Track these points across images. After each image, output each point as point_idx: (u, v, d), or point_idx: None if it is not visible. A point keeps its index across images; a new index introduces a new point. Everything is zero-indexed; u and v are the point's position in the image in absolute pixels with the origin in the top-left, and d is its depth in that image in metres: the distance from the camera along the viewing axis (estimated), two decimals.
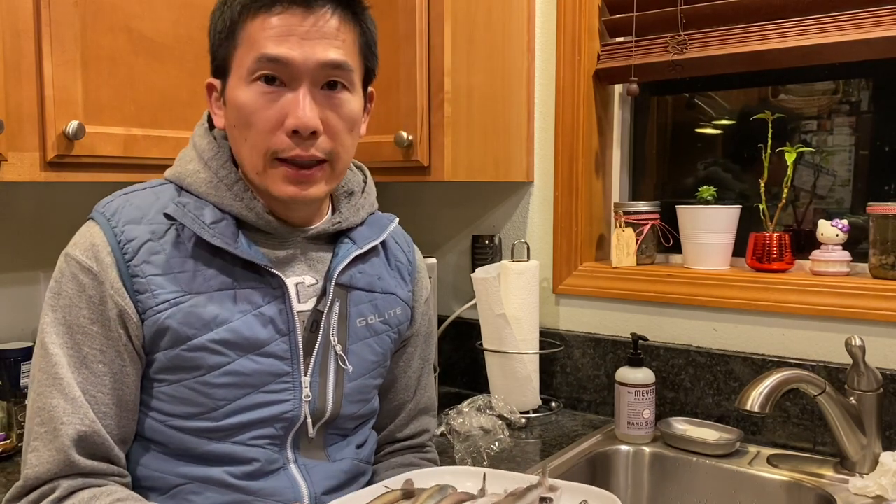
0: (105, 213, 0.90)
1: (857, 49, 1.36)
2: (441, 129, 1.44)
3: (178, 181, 0.94)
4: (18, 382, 1.42)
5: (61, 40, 1.17)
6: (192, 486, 0.90)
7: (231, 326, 0.88)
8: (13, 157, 1.14)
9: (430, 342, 1.18)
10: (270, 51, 0.85)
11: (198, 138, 0.96)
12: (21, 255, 1.53)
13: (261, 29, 0.86)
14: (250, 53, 0.86)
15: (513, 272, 1.59)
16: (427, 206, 1.93)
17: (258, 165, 0.89)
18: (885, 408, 1.30)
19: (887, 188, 1.47)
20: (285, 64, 0.85)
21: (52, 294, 0.88)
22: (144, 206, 0.91)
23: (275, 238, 0.95)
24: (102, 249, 0.87)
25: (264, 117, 0.87)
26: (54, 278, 0.89)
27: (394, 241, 1.09)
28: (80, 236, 0.90)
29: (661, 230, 1.63)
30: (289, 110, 0.86)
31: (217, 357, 0.88)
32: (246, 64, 0.87)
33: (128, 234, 0.88)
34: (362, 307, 1.00)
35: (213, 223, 0.89)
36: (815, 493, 1.23)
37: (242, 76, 0.88)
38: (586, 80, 1.64)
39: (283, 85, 0.87)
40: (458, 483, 0.91)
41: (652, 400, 1.44)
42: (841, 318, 1.37)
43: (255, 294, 0.90)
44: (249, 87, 0.87)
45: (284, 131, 0.86)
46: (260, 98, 0.87)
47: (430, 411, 1.18)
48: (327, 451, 0.98)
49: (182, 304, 0.87)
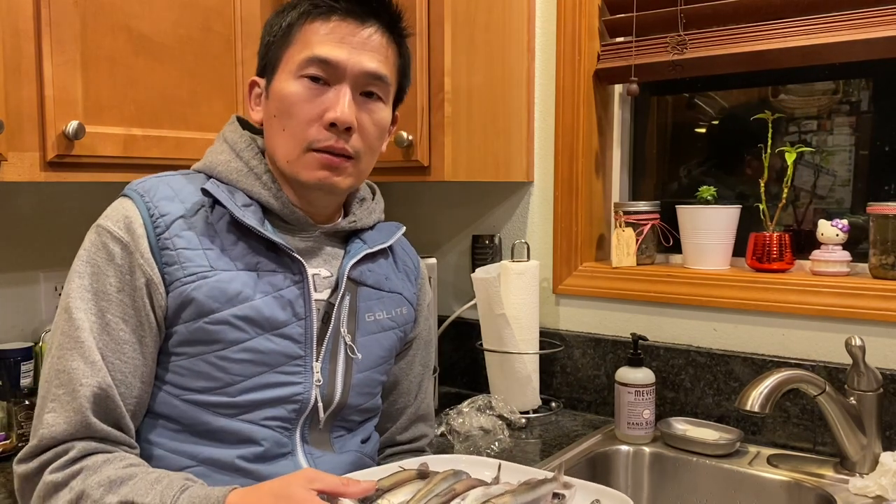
0: (139, 190, 0.94)
1: (857, 49, 1.36)
2: (441, 129, 1.44)
3: (209, 171, 0.99)
4: (18, 382, 1.42)
5: (61, 40, 1.17)
6: (201, 469, 0.91)
7: (253, 304, 0.92)
8: (13, 157, 1.14)
9: (430, 349, 1.22)
10: (322, 52, 0.93)
11: (229, 133, 1.02)
12: (21, 256, 1.53)
13: (316, 32, 0.94)
14: (303, 52, 0.94)
15: (513, 272, 1.60)
16: (427, 206, 1.93)
17: (292, 153, 0.96)
18: (885, 408, 1.30)
19: (887, 188, 1.47)
20: (333, 65, 0.93)
21: (81, 262, 0.91)
22: (177, 186, 0.96)
23: (296, 229, 1.01)
24: (135, 221, 0.91)
25: (306, 109, 0.94)
26: (83, 248, 0.92)
27: (401, 248, 1.15)
28: (112, 210, 0.93)
29: (661, 230, 1.63)
30: (329, 105, 0.94)
31: (237, 332, 0.91)
32: (297, 60, 0.94)
33: (161, 209, 0.92)
34: (371, 303, 1.05)
35: (243, 206, 0.95)
36: (815, 493, 1.23)
37: (291, 71, 0.95)
38: (586, 80, 1.64)
39: (326, 84, 0.94)
40: (473, 471, 0.91)
41: (652, 400, 1.44)
42: (841, 318, 1.37)
43: (276, 277, 0.95)
44: (296, 81, 0.94)
45: (323, 124, 0.94)
46: (305, 91, 0.94)
47: (429, 420, 1.22)
48: (333, 443, 1.01)
49: (209, 277, 0.91)
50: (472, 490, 0.83)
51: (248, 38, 1.44)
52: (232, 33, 1.43)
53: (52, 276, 1.57)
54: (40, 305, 1.56)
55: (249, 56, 1.44)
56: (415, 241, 1.19)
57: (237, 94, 1.44)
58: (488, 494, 0.83)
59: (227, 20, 1.42)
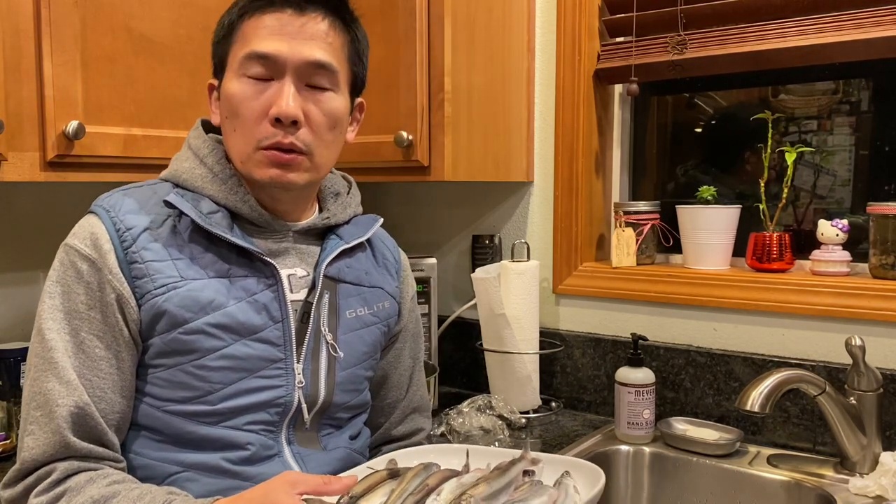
0: (104, 206, 0.93)
1: (857, 49, 1.36)
2: (441, 129, 1.44)
3: (174, 179, 0.98)
4: (18, 382, 1.42)
5: (61, 40, 1.17)
6: (188, 474, 0.91)
7: (227, 311, 0.91)
8: (13, 157, 1.14)
9: (419, 341, 1.21)
10: (259, 47, 0.91)
11: (193, 140, 1.01)
12: (21, 255, 1.53)
13: (254, 27, 0.93)
14: (243, 49, 0.93)
15: (513, 272, 1.60)
16: (427, 206, 1.93)
17: (244, 153, 0.94)
18: (885, 408, 1.30)
19: (887, 188, 1.47)
20: (272, 59, 0.91)
21: (51, 282, 0.90)
22: (142, 199, 0.95)
23: (267, 231, 0.99)
24: (101, 237, 0.90)
25: (251, 107, 0.92)
26: (53, 268, 0.91)
27: (380, 241, 1.14)
28: (78, 228, 0.93)
29: (661, 230, 1.63)
30: (273, 101, 0.92)
31: (213, 340, 0.90)
32: (237, 59, 0.93)
33: (127, 222, 0.91)
34: (351, 300, 1.04)
35: (209, 213, 0.93)
36: (815, 493, 1.23)
37: (235, 69, 0.94)
38: (586, 80, 1.64)
39: (269, 79, 0.92)
40: (441, 460, 0.91)
41: (652, 400, 1.44)
42: (841, 318, 1.37)
43: (249, 281, 0.94)
44: (240, 80, 0.93)
45: (269, 120, 0.92)
46: (248, 89, 0.92)
47: (424, 411, 1.21)
48: (321, 441, 1.00)
49: (179, 288, 0.90)
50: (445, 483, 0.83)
51: None
52: None
53: None
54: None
55: None
56: (415, 241, 1.19)
57: None
58: (463, 486, 0.82)
59: None
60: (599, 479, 0.86)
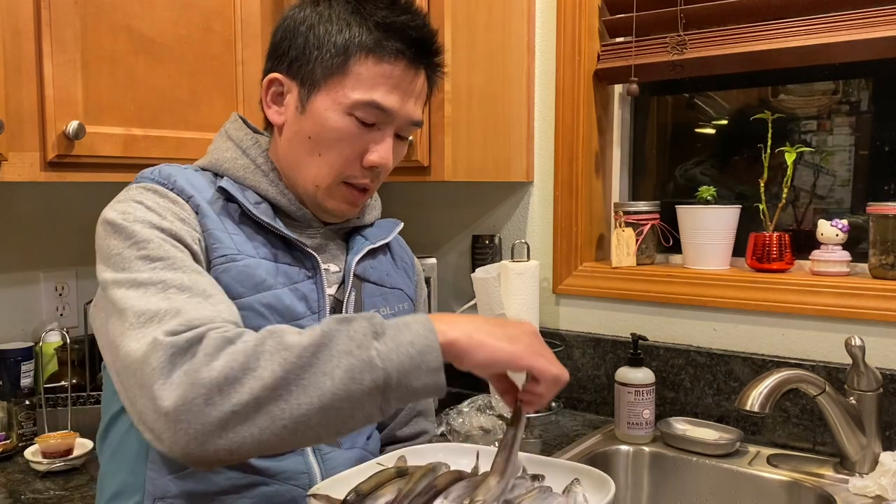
0: (157, 178, 0.91)
1: (857, 49, 1.36)
2: (441, 129, 1.44)
3: (215, 168, 0.98)
4: (19, 382, 1.42)
5: (61, 40, 1.17)
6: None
7: (275, 293, 0.92)
8: (13, 157, 1.14)
9: None
10: (382, 100, 0.92)
11: (233, 131, 1.01)
12: (21, 255, 1.53)
13: (376, 74, 0.92)
14: (358, 90, 0.91)
15: (513, 272, 1.60)
16: (427, 206, 1.93)
17: (323, 181, 0.95)
18: (885, 408, 1.30)
19: (887, 188, 1.47)
20: (387, 113, 0.93)
21: (117, 214, 0.83)
22: (191, 177, 0.93)
23: (303, 226, 1.01)
24: (169, 193, 0.88)
25: (350, 146, 0.94)
26: (118, 200, 0.86)
27: (398, 244, 1.15)
28: (135, 192, 0.87)
29: (661, 230, 1.63)
30: (372, 147, 0.94)
31: (260, 320, 0.90)
32: (351, 97, 0.92)
33: (186, 191, 0.90)
34: (375, 299, 1.05)
35: (255, 203, 0.95)
36: (815, 493, 1.23)
37: (341, 103, 0.92)
38: (586, 80, 1.64)
39: (373, 125, 0.94)
40: (450, 461, 0.91)
41: (652, 400, 1.44)
42: (841, 318, 1.37)
43: (292, 270, 0.95)
44: (345, 117, 0.92)
45: (363, 163, 0.95)
46: (354, 130, 0.93)
47: (429, 414, 1.21)
48: (339, 440, 1.00)
49: (237, 261, 0.90)
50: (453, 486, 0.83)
51: (248, 38, 1.44)
52: (232, 33, 1.43)
53: (52, 276, 1.57)
54: (40, 305, 1.56)
55: (249, 56, 1.45)
56: (415, 241, 1.19)
57: (237, 94, 1.44)
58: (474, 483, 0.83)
59: (227, 20, 1.42)
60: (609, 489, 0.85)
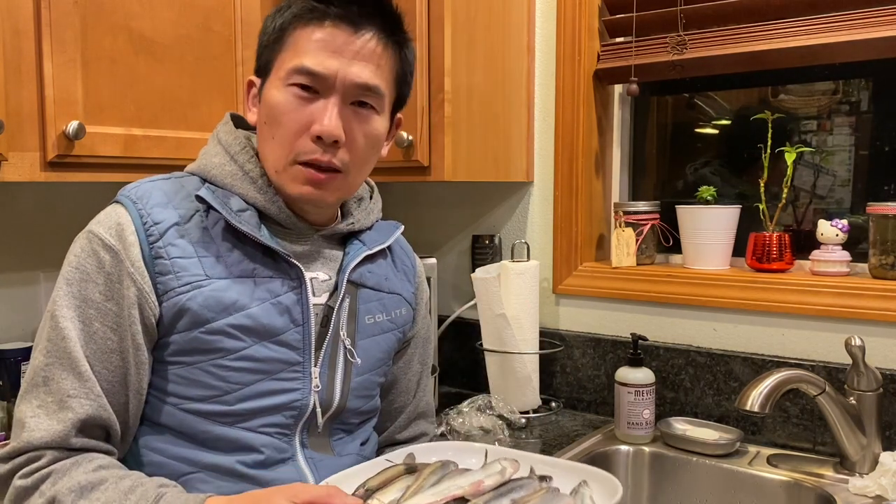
0: (131, 197, 0.91)
1: (857, 49, 1.36)
2: (441, 129, 1.44)
3: (203, 174, 0.97)
4: (18, 382, 1.42)
5: (61, 40, 1.17)
6: (201, 475, 0.90)
7: (249, 312, 0.91)
8: (13, 157, 1.14)
9: (428, 346, 1.21)
10: (310, 63, 0.90)
11: (223, 135, 1.00)
12: (21, 255, 1.53)
13: (307, 39, 0.91)
14: (293, 60, 0.91)
15: (513, 272, 1.59)
16: (427, 206, 1.93)
17: (279, 164, 0.93)
18: (885, 408, 1.30)
19: (887, 188, 1.47)
20: (322, 77, 0.90)
21: (70, 267, 0.89)
22: (171, 192, 0.93)
23: (292, 233, 0.99)
24: (127, 229, 0.89)
25: (293, 119, 0.91)
26: (73, 253, 0.90)
27: (399, 247, 1.14)
28: (104, 216, 0.91)
29: (661, 230, 1.63)
30: (316, 117, 0.91)
31: (234, 341, 0.90)
32: (286, 68, 0.91)
33: (154, 216, 0.90)
34: (371, 305, 1.03)
35: (238, 211, 0.93)
36: (815, 493, 1.23)
37: (281, 78, 0.92)
38: (586, 80, 1.64)
39: (316, 94, 0.91)
40: (459, 459, 0.91)
41: (652, 400, 1.44)
42: (841, 318, 1.37)
43: (273, 283, 0.93)
44: (285, 90, 0.91)
45: (309, 136, 0.91)
46: (293, 101, 0.91)
47: (429, 416, 1.21)
48: (333, 446, 1.00)
49: (203, 287, 0.89)
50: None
51: (248, 38, 1.44)
52: (232, 33, 1.43)
53: (52, 276, 1.57)
54: (40, 305, 1.56)
55: (249, 56, 1.44)
56: (415, 241, 1.19)
57: (237, 94, 1.44)
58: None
59: (227, 20, 1.42)
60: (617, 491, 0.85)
